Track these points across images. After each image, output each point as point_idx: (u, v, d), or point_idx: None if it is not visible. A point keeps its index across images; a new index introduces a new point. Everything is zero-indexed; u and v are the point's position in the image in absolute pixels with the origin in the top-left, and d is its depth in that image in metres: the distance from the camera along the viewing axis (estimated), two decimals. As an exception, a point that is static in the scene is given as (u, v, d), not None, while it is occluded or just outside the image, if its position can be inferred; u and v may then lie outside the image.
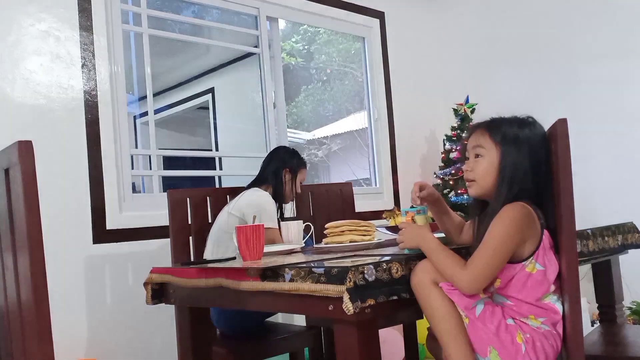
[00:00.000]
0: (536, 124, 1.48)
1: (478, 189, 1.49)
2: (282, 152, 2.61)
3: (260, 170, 2.58)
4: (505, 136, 1.44)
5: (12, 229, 1.11)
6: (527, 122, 1.47)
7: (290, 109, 4.53)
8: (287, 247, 1.97)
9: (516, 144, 1.42)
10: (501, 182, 1.42)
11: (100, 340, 2.56)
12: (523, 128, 1.45)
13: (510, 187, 1.41)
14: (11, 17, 2.49)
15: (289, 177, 2.54)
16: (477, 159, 1.48)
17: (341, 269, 1.25)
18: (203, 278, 1.63)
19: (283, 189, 2.52)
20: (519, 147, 1.42)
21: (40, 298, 1.02)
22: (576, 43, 3.81)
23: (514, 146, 1.42)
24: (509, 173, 1.42)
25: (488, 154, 1.45)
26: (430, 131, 4.49)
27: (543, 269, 1.38)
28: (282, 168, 2.53)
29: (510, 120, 1.48)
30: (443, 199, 1.70)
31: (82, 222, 2.58)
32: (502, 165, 1.43)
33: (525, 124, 1.46)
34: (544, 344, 1.35)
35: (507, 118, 1.50)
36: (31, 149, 1.05)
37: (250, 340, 2.17)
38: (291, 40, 4.58)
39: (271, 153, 2.64)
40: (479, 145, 1.47)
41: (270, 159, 2.59)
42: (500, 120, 1.50)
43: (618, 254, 2.16)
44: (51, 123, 2.54)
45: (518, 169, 1.41)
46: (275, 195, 2.48)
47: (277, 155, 2.59)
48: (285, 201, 2.57)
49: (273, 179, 2.51)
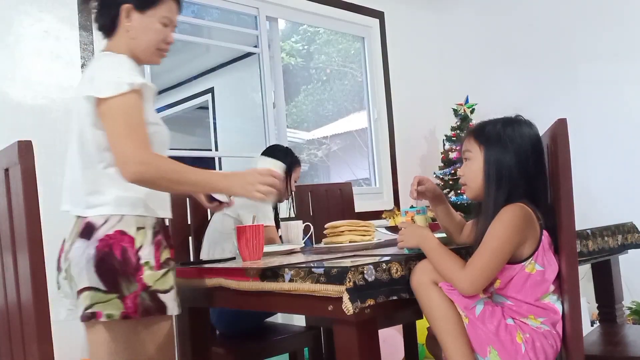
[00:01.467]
0: (523, 122, 1.48)
1: (470, 192, 1.51)
2: (276, 150, 2.60)
3: None
4: (488, 137, 1.46)
5: (12, 229, 1.11)
6: (512, 121, 1.48)
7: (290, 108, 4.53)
8: (287, 247, 1.97)
9: (499, 143, 1.44)
10: (488, 182, 1.44)
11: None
12: (506, 127, 1.46)
13: (498, 185, 1.42)
14: (11, 17, 2.48)
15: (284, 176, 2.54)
16: (466, 162, 1.51)
17: (341, 269, 1.25)
18: (203, 278, 1.63)
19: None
20: (502, 146, 1.43)
21: (40, 298, 1.02)
22: (576, 43, 3.81)
23: (497, 145, 1.44)
24: (493, 172, 1.43)
25: (475, 156, 1.48)
26: (430, 131, 4.49)
27: (542, 270, 1.38)
28: None
29: (495, 121, 1.50)
30: (444, 196, 1.70)
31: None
32: (486, 165, 1.45)
33: (509, 123, 1.47)
34: (544, 344, 1.36)
35: (492, 119, 1.52)
36: (31, 149, 1.06)
37: (249, 340, 2.17)
38: (291, 40, 4.58)
39: (265, 152, 2.62)
40: (467, 150, 1.51)
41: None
42: (485, 122, 1.52)
43: (618, 254, 2.16)
44: (51, 123, 2.54)
45: (502, 167, 1.42)
46: None
47: (271, 154, 2.58)
48: (280, 200, 2.56)
49: None
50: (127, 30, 1.51)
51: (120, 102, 1.38)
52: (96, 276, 1.37)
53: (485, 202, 1.45)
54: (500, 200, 1.40)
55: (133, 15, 1.50)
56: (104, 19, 1.53)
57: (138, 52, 1.53)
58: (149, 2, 1.51)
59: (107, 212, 1.41)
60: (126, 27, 1.50)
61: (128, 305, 1.37)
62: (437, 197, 1.68)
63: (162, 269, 1.44)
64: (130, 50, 1.52)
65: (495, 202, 1.41)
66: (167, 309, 1.43)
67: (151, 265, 1.41)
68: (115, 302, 1.37)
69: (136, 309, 1.38)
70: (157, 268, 1.42)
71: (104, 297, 1.37)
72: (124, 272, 1.38)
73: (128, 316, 1.37)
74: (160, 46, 1.56)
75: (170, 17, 1.55)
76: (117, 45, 1.52)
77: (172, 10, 1.55)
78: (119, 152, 1.38)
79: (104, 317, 1.36)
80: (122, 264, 1.38)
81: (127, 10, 1.49)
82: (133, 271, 1.38)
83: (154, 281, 1.41)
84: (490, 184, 1.44)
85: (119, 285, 1.37)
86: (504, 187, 1.41)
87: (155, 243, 1.45)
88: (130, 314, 1.37)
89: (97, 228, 1.40)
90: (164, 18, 1.53)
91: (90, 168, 1.43)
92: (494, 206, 1.41)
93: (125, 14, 1.50)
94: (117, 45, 1.52)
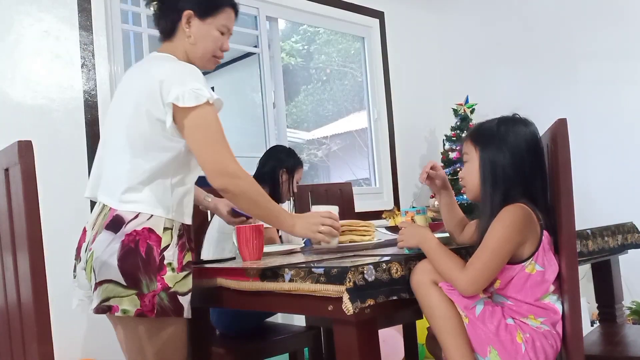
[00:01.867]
0: (518, 120, 1.48)
1: (470, 193, 1.52)
2: (279, 151, 2.60)
3: (257, 170, 2.58)
4: (483, 137, 1.47)
5: (12, 229, 1.11)
6: (506, 120, 1.48)
7: (290, 108, 4.53)
8: (287, 247, 1.97)
9: (493, 142, 1.44)
10: (484, 182, 1.45)
11: (100, 340, 2.55)
12: (500, 126, 1.46)
13: (494, 185, 1.42)
14: (11, 17, 2.49)
15: (286, 177, 2.54)
16: (465, 165, 1.52)
17: (341, 269, 1.25)
18: (203, 278, 1.63)
19: (280, 188, 2.51)
20: (496, 146, 1.43)
21: (40, 298, 1.02)
22: (576, 43, 3.81)
23: (491, 145, 1.44)
24: (488, 172, 1.44)
25: (472, 158, 1.49)
26: (430, 131, 4.49)
27: (542, 270, 1.38)
28: (279, 168, 2.52)
29: (489, 121, 1.51)
30: (451, 189, 1.71)
31: (82, 222, 2.56)
32: (481, 165, 1.46)
33: (503, 122, 1.47)
34: (544, 344, 1.36)
35: (487, 120, 1.53)
36: (31, 149, 1.05)
37: (250, 340, 2.17)
38: (291, 40, 4.58)
39: (268, 153, 2.63)
40: (465, 153, 1.53)
41: (267, 158, 2.58)
42: (481, 123, 1.54)
43: (618, 254, 2.16)
44: (51, 123, 2.54)
45: (497, 167, 1.42)
46: (273, 195, 2.47)
47: (274, 154, 2.58)
48: (282, 201, 2.57)
49: (270, 178, 2.50)
50: (188, 36, 1.55)
51: (206, 112, 1.44)
52: (118, 270, 1.37)
53: (482, 203, 1.46)
54: (496, 199, 1.41)
55: (193, 22, 1.55)
56: (165, 22, 1.58)
57: (195, 57, 1.58)
58: (209, 10, 1.56)
59: (139, 209, 1.43)
60: (187, 33, 1.55)
61: (145, 304, 1.38)
62: (444, 187, 1.69)
63: (183, 271, 1.45)
64: (187, 54, 1.57)
65: (492, 202, 1.41)
66: (184, 311, 1.44)
67: (174, 267, 1.43)
68: (133, 299, 1.37)
69: (152, 308, 1.38)
70: (179, 270, 1.44)
71: (123, 292, 1.37)
72: (146, 270, 1.39)
73: (142, 314, 1.38)
74: (216, 53, 1.61)
75: (227, 26, 1.60)
76: (175, 49, 1.56)
77: (230, 19, 1.60)
78: (212, 161, 1.44)
79: (119, 312, 1.37)
80: (145, 262, 1.39)
81: (188, 16, 1.54)
82: (155, 270, 1.40)
83: (175, 282, 1.42)
84: (486, 184, 1.44)
85: (139, 282, 1.38)
86: (499, 186, 1.42)
87: (179, 245, 1.47)
88: (146, 312, 1.38)
89: (125, 222, 1.41)
90: (222, 26, 1.58)
91: (135, 164, 1.45)
92: (491, 206, 1.41)
93: (186, 20, 1.55)
94: (175, 49, 1.56)
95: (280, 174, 2.52)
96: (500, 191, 1.41)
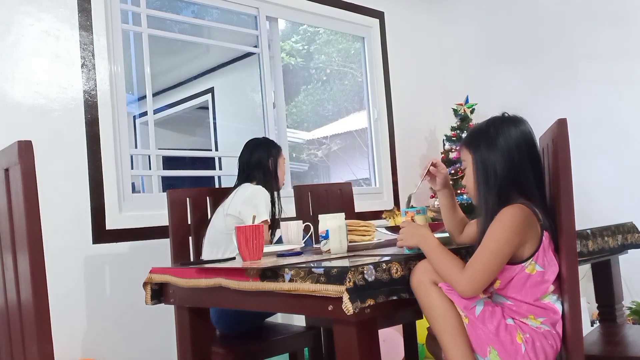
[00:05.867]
0: (508, 119, 1.48)
1: (473, 198, 1.52)
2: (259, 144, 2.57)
3: (243, 167, 2.53)
4: (473, 141, 1.49)
5: (12, 229, 1.10)
6: (494, 121, 1.49)
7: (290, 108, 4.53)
8: (287, 247, 1.97)
9: (483, 144, 1.45)
10: (477, 183, 1.47)
11: (100, 340, 2.56)
12: (489, 128, 1.47)
13: (487, 186, 1.43)
14: (11, 17, 2.48)
15: (274, 164, 2.54)
16: (465, 171, 1.54)
17: (341, 269, 1.25)
18: (203, 278, 1.63)
19: (274, 176, 2.51)
20: (486, 147, 1.45)
21: (40, 298, 1.02)
22: (576, 43, 3.81)
23: (481, 147, 1.46)
24: (481, 173, 1.45)
25: (468, 163, 1.51)
26: (430, 131, 4.49)
27: (543, 270, 1.38)
28: (268, 158, 2.51)
29: (479, 124, 1.53)
30: (452, 189, 1.70)
31: (82, 222, 2.58)
32: (474, 168, 1.48)
33: (492, 123, 1.48)
34: (544, 344, 1.35)
35: (478, 123, 1.55)
36: (31, 149, 1.05)
37: (249, 340, 2.17)
38: (291, 40, 4.58)
39: (249, 148, 2.57)
40: (462, 160, 1.55)
41: (250, 153, 2.54)
42: (472, 128, 1.57)
43: (618, 254, 2.16)
44: (51, 123, 2.54)
45: (488, 167, 1.44)
46: (267, 185, 2.46)
47: (257, 147, 2.55)
48: (279, 187, 2.55)
49: (261, 171, 2.49)
50: None
51: None
52: None
53: (478, 204, 1.46)
54: (491, 200, 1.41)
55: None
56: None
57: None
58: None
59: None
60: None
61: None
62: (445, 186, 1.68)
63: None
64: None
65: (486, 203, 1.42)
66: None
67: None
68: None
69: None
70: None
71: None
72: None
73: None
74: None
75: None
76: None
77: None
78: None
79: None
80: None
81: None
82: None
83: None
84: (480, 185, 1.46)
85: None
86: (492, 186, 1.42)
87: None
88: None
89: None
90: None
91: None
92: (486, 206, 1.42)
93: None
94: None
95: (270, 163, 2.51)
96: (494, 191, 1.42)
